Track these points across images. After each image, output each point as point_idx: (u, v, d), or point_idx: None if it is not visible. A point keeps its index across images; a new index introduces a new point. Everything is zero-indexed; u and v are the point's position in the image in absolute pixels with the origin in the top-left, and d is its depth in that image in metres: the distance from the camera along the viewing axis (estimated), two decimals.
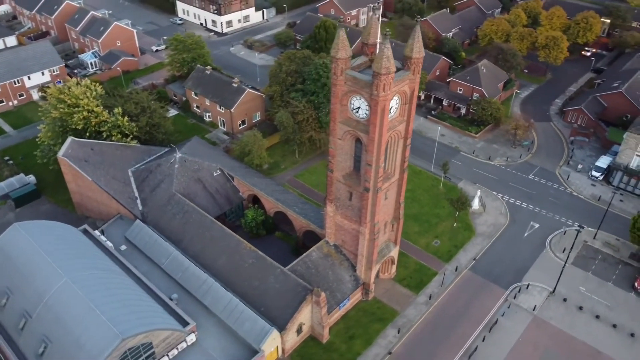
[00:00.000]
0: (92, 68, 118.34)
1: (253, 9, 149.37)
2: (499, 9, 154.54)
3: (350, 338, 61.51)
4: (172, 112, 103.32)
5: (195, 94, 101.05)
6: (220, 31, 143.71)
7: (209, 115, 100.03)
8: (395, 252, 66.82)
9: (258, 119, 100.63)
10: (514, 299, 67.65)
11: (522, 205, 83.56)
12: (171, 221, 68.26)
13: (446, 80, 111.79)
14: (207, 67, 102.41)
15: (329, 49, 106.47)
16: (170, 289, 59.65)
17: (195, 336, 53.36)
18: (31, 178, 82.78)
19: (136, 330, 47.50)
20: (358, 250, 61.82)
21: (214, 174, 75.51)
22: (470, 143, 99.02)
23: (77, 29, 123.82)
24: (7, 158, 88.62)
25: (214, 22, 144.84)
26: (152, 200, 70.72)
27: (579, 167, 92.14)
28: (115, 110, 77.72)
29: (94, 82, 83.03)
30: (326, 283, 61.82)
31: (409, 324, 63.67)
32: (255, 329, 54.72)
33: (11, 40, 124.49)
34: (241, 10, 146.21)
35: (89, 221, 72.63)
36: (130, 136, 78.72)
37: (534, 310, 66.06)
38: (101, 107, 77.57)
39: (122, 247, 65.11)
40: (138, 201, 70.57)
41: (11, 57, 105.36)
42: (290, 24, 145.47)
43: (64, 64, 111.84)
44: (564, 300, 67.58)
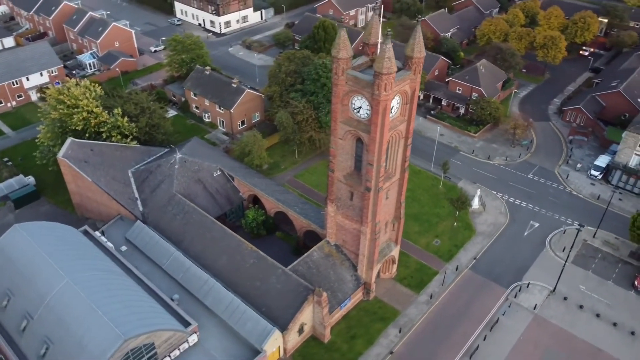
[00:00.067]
0: (90, 69, 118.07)
1: (251, 9, 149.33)
2: (497, 9, 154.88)
3: (352, 338, 61.56)
4: (171, 112, 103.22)
5: (195, 95, 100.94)
6: (218, 32, 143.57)
7: (208, 116, 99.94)
8: (396, 252, 66.92)
9: (257, 119, 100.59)
10: (514, 298, 67.82)
11: (521, 204, 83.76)
12: (172, 222, 68.20)
13: (445, 80, 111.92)
14: (206, 68, 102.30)
15: (328, 49, 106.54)
16: (171, 289, 59.57)
17: (197, 337, 53.38)
18: (30, 179, 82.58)
19: (138, 331, 47.49)
20: (359, 250, 61.86)
21: (214, 174, 75.47)
22: (470, 142, 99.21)
23: (75, 30, 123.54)
24: (6, 159, 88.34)
25: (212, 22, 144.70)
26: (153, 200, 70.63)
27: (578, 166, 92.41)
28: (114, 111, 77.59)
29: (93, 83, 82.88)
30: (327, 283, 61.87)
31: (410, 323, 63.76)
32: (257, 329, 54.71)
33: (9, 41, 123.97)
34: (239, 10, 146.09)
35: (89, 222, 72.51)
36: (130, 137, 78.65)
37: (534, 309, 66.24)
38: (101, 108, 77.40)
39: (123, 248, 65.00)
40: (138, 202, 70.46)
41: (9, 58, 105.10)
42: (288, 24, 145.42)
43: (62, 65, 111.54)
44: (565, 299, 67.79)
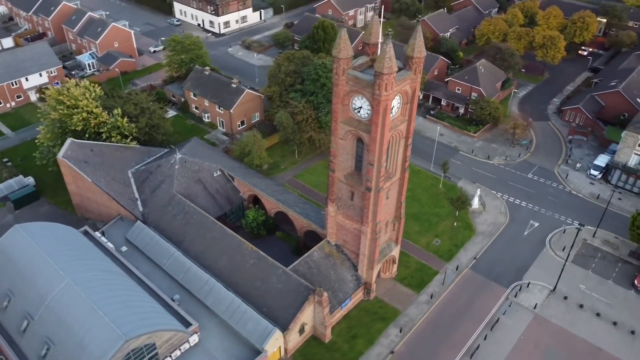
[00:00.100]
0: (89, 69, 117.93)
1: (250, 9, 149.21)
2: (496, 9, 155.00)
3: (353, 337, 61.59)
4: (171, 113, 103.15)
5: (194, 95, 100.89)
6: (217, 32, 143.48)
7: (207, 116, 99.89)
8: (396, 252, 66.95)
9: (257, 119, 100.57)
10: (514, 297, 67.89)
11: (521, 204, 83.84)
12: (172, 222, 68.16)
13: (444, 80, 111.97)
14: (206, 68, 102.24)
15: (327, 49, 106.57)
16: (172, 289, 59.54)
17: (198, 337, 53.36)
18: (30, 180, 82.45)
19: (139, 331, 47.46)
20: (360, 249, 61.87)
21: (214, 174, 75.44)
22: (469, 142, 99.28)
23: (74, 30, 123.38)
24: (5, 160, 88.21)
25: (211, 22, 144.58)
26: (153, 201, 70.59)
27: (578, 165, 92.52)
28: (114, 112, 77.53)
29: (93, 83, 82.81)
30: (328, 283, 61.88)
31: (411, 323, 63.80)
32: (258, 329, 54.70)
33: (8, 42, 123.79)
34: (239, 10, 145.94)
35: (89, 222, 72.46)
36: (130, 137, 78.60)
37: (534, 308, 66.32)
38: (100, 109, 77.33)
39: (123, 249, 64.96)
40: (138, 202, 70.41)
41: (9, 59, 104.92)
42: (288, 24, 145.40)
43: (61, 65, 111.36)
44: (565, 298, 67.88)
